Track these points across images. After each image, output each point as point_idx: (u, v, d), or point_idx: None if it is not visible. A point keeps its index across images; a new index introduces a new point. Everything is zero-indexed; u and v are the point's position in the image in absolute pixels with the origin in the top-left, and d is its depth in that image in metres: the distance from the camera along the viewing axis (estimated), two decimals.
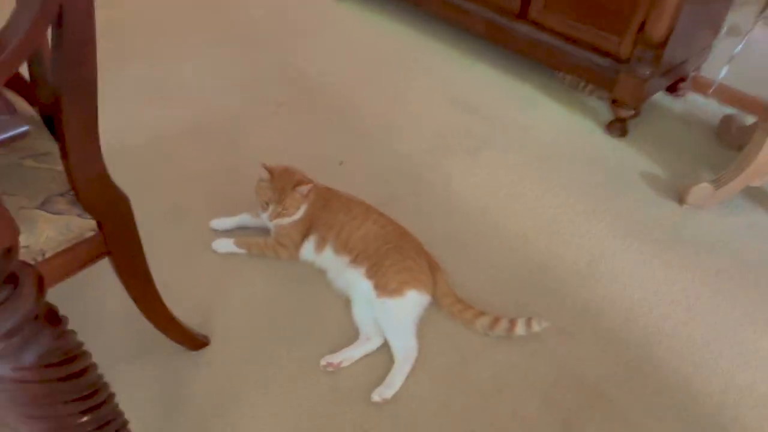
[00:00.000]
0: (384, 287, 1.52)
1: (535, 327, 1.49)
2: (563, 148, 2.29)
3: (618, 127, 2.36)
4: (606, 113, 2.48)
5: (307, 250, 1.68)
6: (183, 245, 1.74)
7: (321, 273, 1.68)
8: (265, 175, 1.61)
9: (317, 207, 1.68)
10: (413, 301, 1.53)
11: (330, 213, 1.67)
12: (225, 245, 1.72)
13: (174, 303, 1.37)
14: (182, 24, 2.84)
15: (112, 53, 2.59)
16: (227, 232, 1.78)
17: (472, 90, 2.60)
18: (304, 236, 1.68)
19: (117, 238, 1.08)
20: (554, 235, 1.88)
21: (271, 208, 1.60)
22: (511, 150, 2.26)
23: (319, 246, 1.66)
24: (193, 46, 2.68)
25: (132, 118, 2.22)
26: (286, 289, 1.64)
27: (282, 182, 1.60)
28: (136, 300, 1.21)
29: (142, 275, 1.18)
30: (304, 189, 1.60)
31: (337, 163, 2.11)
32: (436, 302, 1.59)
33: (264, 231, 1.76)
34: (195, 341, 1.43)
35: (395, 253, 1.59)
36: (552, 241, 1.86)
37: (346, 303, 1.60)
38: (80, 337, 0.80)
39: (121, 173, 2.03)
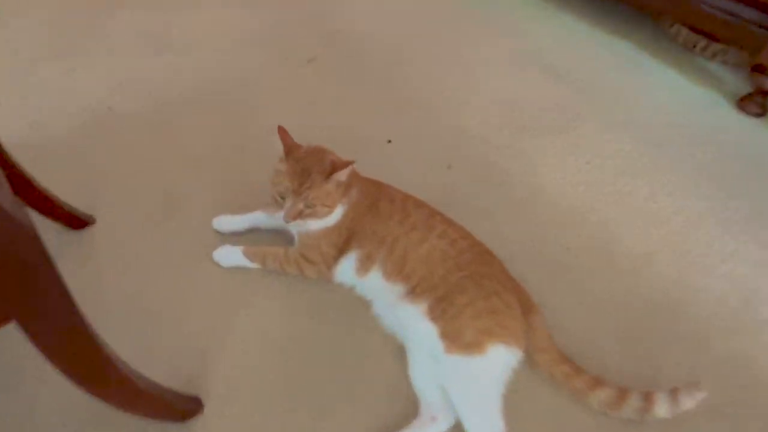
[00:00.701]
0: (456, 338, 1.03)
1: (686, 402, 0.99)
2: (682, 128, 1.72)
3: (757, 103, 1.77)
4: (734, 83, 1.89)
5: (345, 269, 1.19)
6: (173, 254, 1.26)
7: (364, 303, 1.19)
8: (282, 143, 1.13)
9: (361, 209, 1.18)
10: (499, 361, 1.04)
11: (378, 219, 1.17)
12: (231, 256, 1.24)
13: (153, 343, 0.95)
14: None
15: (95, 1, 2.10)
16: (234, 237, 1.30)
17: (557, 49, 2.03)
18: (342, 250, 1.19)
19: (19, 294, 0.60)
20: (687, 255, 1.35)
21: (287, 203, 1.10)
22: (613, 128, 1.70)
23: (363, 266, 1.17)
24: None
25: (121, 76, 1.73)
26: (313, 326, 1.16)
27: (306, 164, 1.11)
28: (71, 377, 0.74)
29: (76, 341, 0.71)
30: (342, 174, 1.10)
31: (384, 141, 1.59)
32: (529, 358, 1.09)
33: (286, 237, 1.27)
34: (180, 411, 0.97)
35: (473, 285, 1.08)
36: (684, 265, 1.33)
37: (400, 352, 1.11)
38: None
39: (101, 147, 1.57)
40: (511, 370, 1.05)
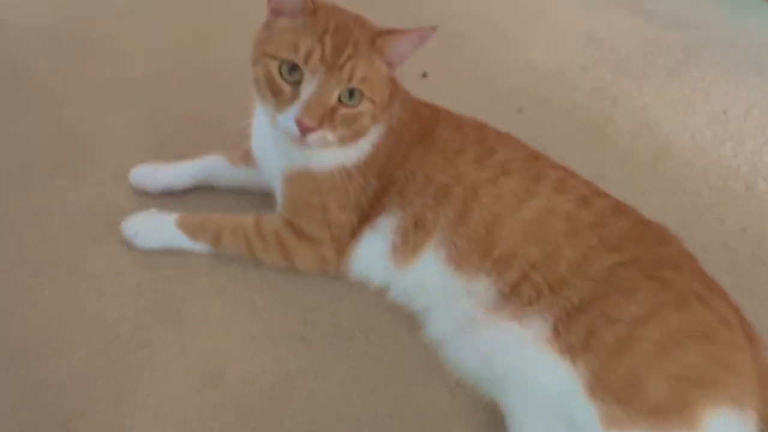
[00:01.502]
0: (629, 395, 0.47)
1: None
2: None
3: None
4: None
5: (372, 251, 0.63)
6: (53, 225, 0.68)
7: (408, 318, 0.62)
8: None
9: (406, 137, 0.63)
10: None
11: (438, 156, 0.62)
12: (156, 229, 0.66)
13: None
14: None
15: None
16: (166, 199, 0.72)
17: None
18: (367, 216, 0.62)
19: None
20: None
21: (308, 87, 0.53)
22: (740, 72, 1.20)
23: (407, 243, 0.61)
24: None
25: None
26: (314, 364, 0.58)
27: (341, 20, 0.55)
28: None
29: None
30: (405, 45, 0.55)
31: (417, 75, 1.05)
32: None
33: (257, 199, 0.71)
34: None
35: (646, 280, 0.52)
36: None
37: (489, 418, 0.54)
38: None
39: None
40: None
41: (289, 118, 0.53)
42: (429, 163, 0.61)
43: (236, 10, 1.17)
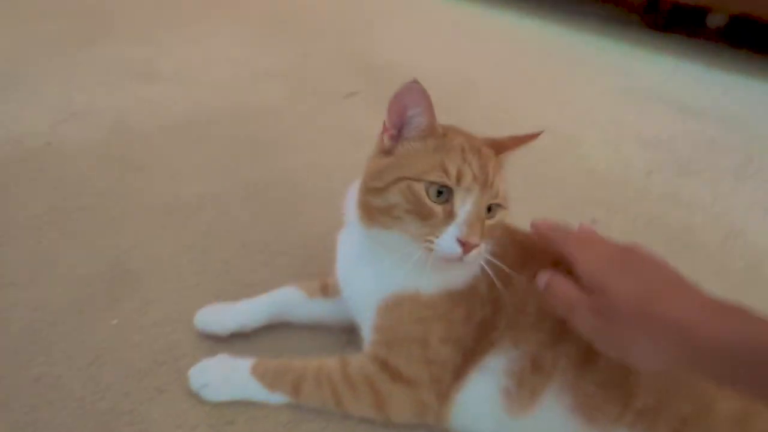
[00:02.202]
0: None
1: None
2: None
3: None
4: None
5: (477, 395, 0.54)
6: (108, 377, 0.61)
7: None
8: (414, 111, 0.55)
9: (512, 254, 0.56)
10: None
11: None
12: (226, 378, 0.58)
13: None
14: (198, 5, 1.88)
15: (77, 32, 1.61)
16: (234, 342, 0.64)
17: (676, 85, 1.54)
18: (474, 352, 0.54)
19: None
20: None
21: (465, 204, 0.51)
22: None
23: (523, 387, 0.52)
24: (210, 30, 1.70)
25: (77, 107, 1.17)
26: None
27: (467, 136, 0.56)
28: None
29: None
30: (517, 152, 0.59)
31: None
32: None
33: (333, 335, 0.64)
34: None
35: None
36: None
37: None
38: None
39: (17, 195, 0.96)
40: None
41: (449, 238, 0.50)
42: (539, 292, 0.54)
43: (291, 123, 1.18)
